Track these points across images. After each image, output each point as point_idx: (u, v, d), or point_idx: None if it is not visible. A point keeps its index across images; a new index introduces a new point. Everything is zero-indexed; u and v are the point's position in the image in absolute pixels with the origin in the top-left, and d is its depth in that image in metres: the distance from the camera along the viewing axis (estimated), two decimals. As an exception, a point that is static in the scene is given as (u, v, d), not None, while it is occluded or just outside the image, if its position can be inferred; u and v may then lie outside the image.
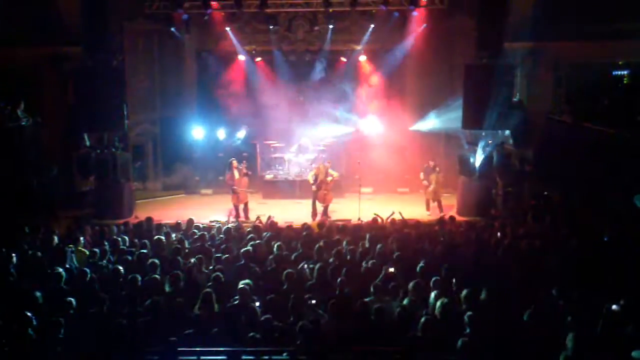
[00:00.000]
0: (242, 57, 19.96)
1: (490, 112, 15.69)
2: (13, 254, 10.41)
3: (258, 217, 14.11)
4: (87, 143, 16.60)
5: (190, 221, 12.96)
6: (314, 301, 8.45)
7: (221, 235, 11.81)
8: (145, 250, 10.64)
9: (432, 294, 8.50)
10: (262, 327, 7.63)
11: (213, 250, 10.79)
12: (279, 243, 10.68)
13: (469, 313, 7.66)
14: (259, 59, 20.16)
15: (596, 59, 17.82)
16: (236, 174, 16.26)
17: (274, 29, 18.97)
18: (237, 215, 16.04)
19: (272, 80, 20.03)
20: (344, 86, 20.02)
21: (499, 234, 11.81)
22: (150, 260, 9.90)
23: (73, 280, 9.42)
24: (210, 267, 9.87)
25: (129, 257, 10.33)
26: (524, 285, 9.12)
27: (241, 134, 20.05)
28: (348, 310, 8.22)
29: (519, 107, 16.75)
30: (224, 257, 10.15)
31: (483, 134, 16.45)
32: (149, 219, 13.17)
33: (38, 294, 8.63)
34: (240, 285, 8.58)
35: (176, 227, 12.64)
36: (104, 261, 10.44)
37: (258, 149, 20.16)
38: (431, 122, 18.44)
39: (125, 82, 16.59)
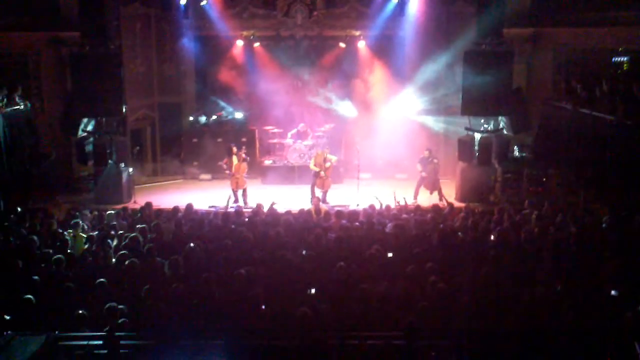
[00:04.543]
0: (240, 42, 19.86)
1: (489, 98, 15.66)
2: (11, 238, 10.48)
3: (258, 204, 14.06)
4: (86, 128, 16.53)
5: (189, 206, 12.96)
6: (312, 290, 8.47)
7: (220, 221, 11.81)
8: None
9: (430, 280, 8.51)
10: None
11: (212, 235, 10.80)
12: (278, 229, 10.69)
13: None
14: (257, 44, 20.05)
15: (596, 45, 17.80)
16: (235, 159, 16.25)
17: (272, 13, 18.87)
18: (236, 201, 16.06)
19: (271, 65, 19.94)
20: (343, 72, 19.97)
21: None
22: (147, 246, 9.93)
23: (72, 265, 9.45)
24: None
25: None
26: (519, 271, 9.16)
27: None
28: (347, 296, 8.24)
29: (518, 93, 16.70)
30: (224, 242, 10.15)
31: (482, 120, 16.43)
32: (148, 204, 13.17)
33: (36, 277, 8.68)
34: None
35: (174, 212, 12.61)
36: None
37: (257, 135, 20.12)
38: (430, 108, 18.42)
39: (122, 67, 16.47)
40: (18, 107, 15.38)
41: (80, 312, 7.63)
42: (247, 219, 11.79)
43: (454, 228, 11.34)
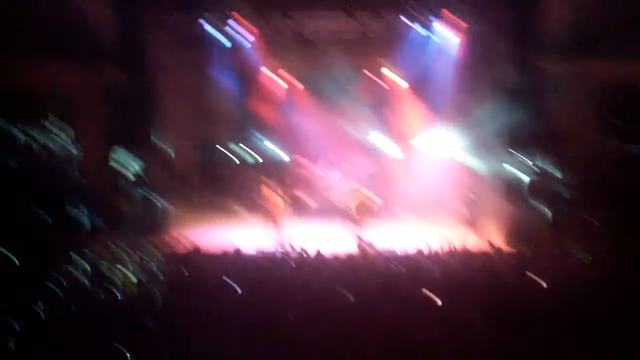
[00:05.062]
0: (277, 78, 19.92)
1: (530, 135, 15.43)
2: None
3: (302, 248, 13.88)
4: (122, 160, 16.60)
5: (238, 250, 12.87)
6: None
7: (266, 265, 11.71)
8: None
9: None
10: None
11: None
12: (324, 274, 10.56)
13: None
14: (289, 76, 20.07)
15: (637, 79, 17.43)
16: (272, 195, 16.17)
17: (307, 48, 18.89)
18: (279, 241, 15.85)
19: (306, 99, 19.96)
20: (380, 105, 19.86)
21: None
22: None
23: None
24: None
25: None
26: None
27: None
28: (394, 341, 8.03)
29: (560, 130, 16.43)
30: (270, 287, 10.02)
31: (525, 158, 16.14)
32: (197, 249, 13.14)
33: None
34: None
35: (223, 255, 12.55)
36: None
37: (295, 171, 20.03)
38: (471, 146, 18.18)
39: (158, 99, 16.61)
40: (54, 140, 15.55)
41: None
42: (293, 264, 11.65)
43: (503, 273, 11.07)
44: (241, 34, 18.37)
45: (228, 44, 18.92)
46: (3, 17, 15.87)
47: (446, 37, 18.36)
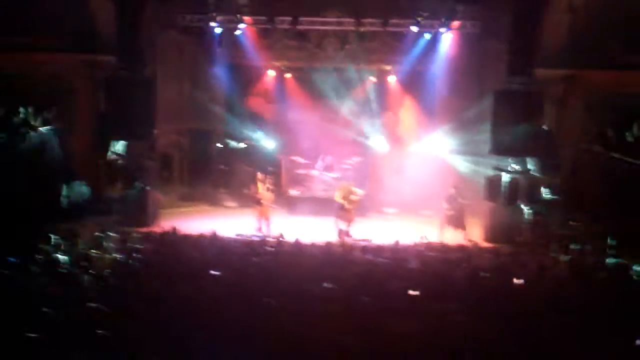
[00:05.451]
0: (271, 73, 20.11)
1: (518, 138, 15.59)
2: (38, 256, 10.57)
3: (280, 234, 14.06)
4: (116, 150, 16.75)
5: (214, 233, 12.99)
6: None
7: (244, 249, 11.83)
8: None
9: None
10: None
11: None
12: (302, 260, 10.66)
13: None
14: (288, 75, 20.27)
15: (629, 88, 17.60)
16: (260, 187, 16.33)
17: (304, 46, 19.08)
18: (260, 230, 16.07)
19: (301, 96, 20.12)
20: (372, 106, 20.04)
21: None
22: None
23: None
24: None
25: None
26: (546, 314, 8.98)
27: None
28: (369, 331, 8.14)
29: (548, 134, 16.59)
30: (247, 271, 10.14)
31: (510, 159, 16.31)
32: (174, 230, 13.24)
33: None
34: None
35: (199, 238, 12.65)
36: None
37: (284, 165, 20.20)
38: (458, 146, 18.35)
39: (155, 92, 16.73)
40: (50, 127, 15.64)
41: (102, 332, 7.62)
42: (271, 249, 11.78)
43: (480, 268, 11.19)
44: (243, 30, 18.53)
45: (228, 39, 19.15)
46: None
47: (444, 41, 18.55)
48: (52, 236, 12.69)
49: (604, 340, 8.12)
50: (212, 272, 9.96)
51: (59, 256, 10.57)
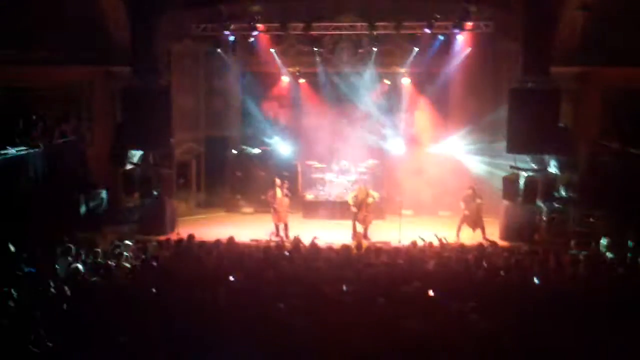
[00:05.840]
0: (286, 79, 20.20)
1: (535, 136, 15.51)
2: (57, 267, 10.68)
3: (296, 237, 14.09)
4: (133, 160, 16.92)
5: (231, 239, 13.03)
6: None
7: (261, 254, 11.85)
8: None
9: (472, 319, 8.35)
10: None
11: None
12: (318, 264, 10.67)
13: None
14: (302, 80, 20.35)
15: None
16: (278, 192, 16.45)
17: (318, 50, 19.14)
18: (277, 234, 16.14)
19: (315, 101, 20.18)
20: (387, 109, 20.03)
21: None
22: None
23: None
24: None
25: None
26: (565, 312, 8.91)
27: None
28: (386, 333, 8.13)
29: (564, 132, 16.47)
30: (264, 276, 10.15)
31: (528, 158, 16.22)
32: (191, 237, 13.29)
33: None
34: None
35: (216, 244, 12.69)
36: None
37: (299, 169, 20.25)
38: (475, 146, 18.27)
39: (171, 101, 16.87)
40: (67, 138, 15.82)
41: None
42: (287, 253, 11.80)
43: (497, 267, 11.13)
44: (256, 37, 18.65)
45: (242, 46, 19.28)
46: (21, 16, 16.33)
47: (458, 42, 18.50)
48: (72, 246, 12.85)
49: (621, 336, 8.07)
50: (230, 278, 10.04)
51: (79, 265, 10.65)
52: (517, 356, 7.55)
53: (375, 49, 18.74)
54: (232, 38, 18.71)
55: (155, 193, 16.89)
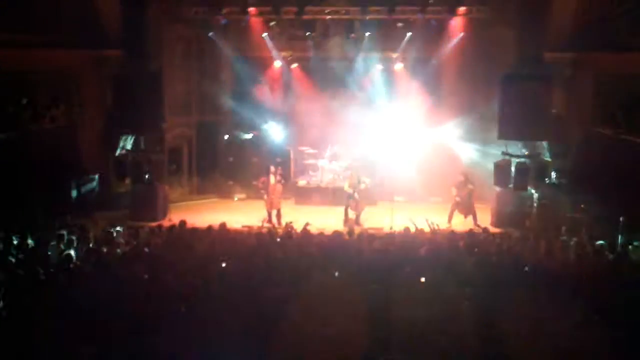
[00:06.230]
0: (278, 63, 20.09)
1: (527, 122, 15.52)
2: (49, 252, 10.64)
3: (288, 224, 14.10)
4: (124, 145, 16.83)
5: (223, 225, 13.01)
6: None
7: (253, 240, 11.84)
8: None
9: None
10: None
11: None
12: (311, 250, 10.67)
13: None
14: (294, 65, 20.26)
15: (638, 70, 17.42)
16: (272, 179, 16.38)
17: (310, 35, 19.04)
18: (270, 221, 16.12)
19: (308, 86, 20.10)
20: (379, 94, 19.96)
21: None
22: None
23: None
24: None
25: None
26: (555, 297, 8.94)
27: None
28: (379, 318, 8.15)
29: (556, 118, 16.49)
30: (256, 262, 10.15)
31: (519, 145, 16.24)
32: (182, 222, 13.26)
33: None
34: None
35: (208, 230, 12.67)
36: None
37: (292, 155, 20.20)
38: (467, 133, 18.26)
39: (162, 86, 16.77)
40: (57, 123, 15.73)
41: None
42: (279, 239, 11.80)
43: (489, 253, 11.16)
44: (248, 21, 18.51)
45: (234, 30, 19.17)
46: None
47: (451, 27, 18.43)
48: (64, 232, 12.80)
49: (613, 323, 8.12)
50: (221, 263, 10.03)
51: (71, 252, 10.61)
52: (510, 342, 7.58)
53: (368, 34, 18.63)
54: (224, 22, 18.59)
55: (146, 178, 16.79)
